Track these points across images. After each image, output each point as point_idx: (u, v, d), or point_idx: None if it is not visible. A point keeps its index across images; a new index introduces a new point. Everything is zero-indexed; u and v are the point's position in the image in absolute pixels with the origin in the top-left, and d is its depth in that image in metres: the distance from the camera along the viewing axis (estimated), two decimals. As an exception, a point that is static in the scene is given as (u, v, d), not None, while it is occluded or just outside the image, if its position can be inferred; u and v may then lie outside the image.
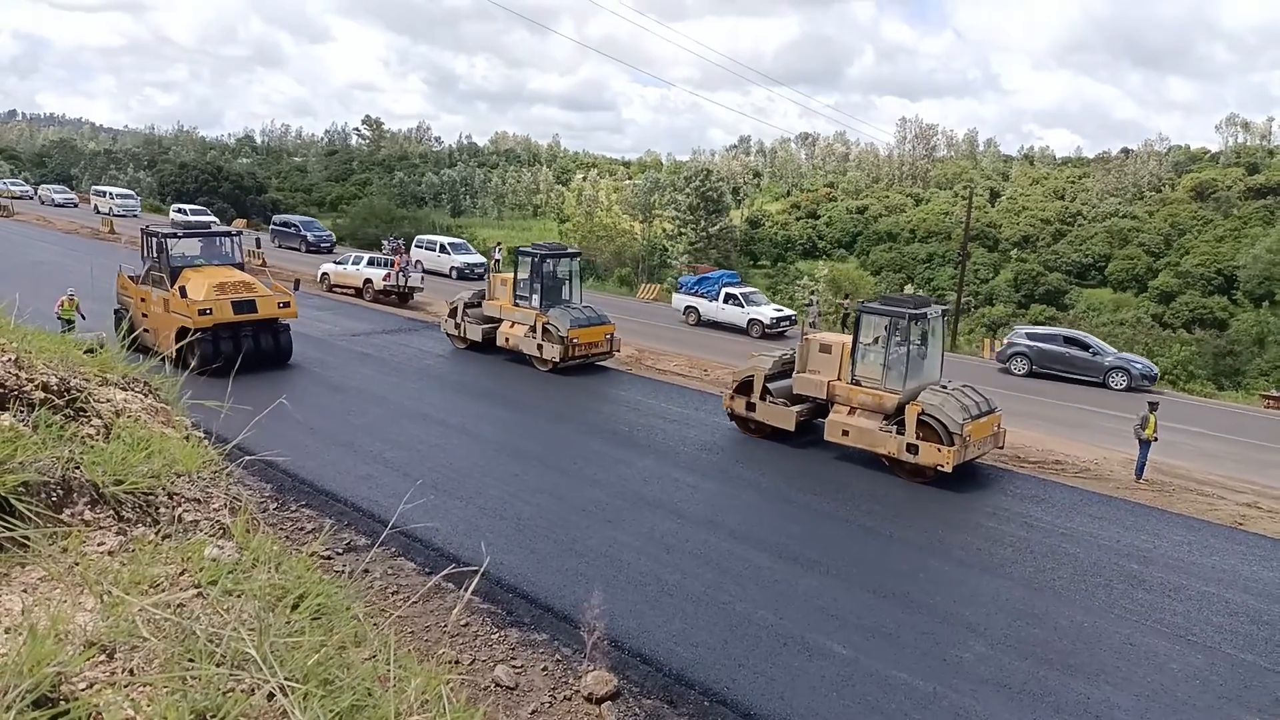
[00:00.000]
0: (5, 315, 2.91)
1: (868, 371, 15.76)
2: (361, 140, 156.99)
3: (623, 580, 10.43)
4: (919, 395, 15.02)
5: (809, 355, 16.63)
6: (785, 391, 16.77)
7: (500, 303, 22.81)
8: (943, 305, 17.18)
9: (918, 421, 14.70)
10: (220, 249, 21.35)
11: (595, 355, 22.19)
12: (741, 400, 17.14)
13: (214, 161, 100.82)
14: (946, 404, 14.69)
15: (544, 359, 21.58)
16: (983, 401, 15.47)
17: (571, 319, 21.55)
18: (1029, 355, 26.14)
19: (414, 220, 64.45)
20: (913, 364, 15.64)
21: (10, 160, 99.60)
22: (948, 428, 14.40)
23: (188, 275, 19.40)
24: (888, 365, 15.60)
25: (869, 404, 15.57)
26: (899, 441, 14.91)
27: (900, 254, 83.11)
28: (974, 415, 14.90)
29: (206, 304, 18.57)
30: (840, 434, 15.80)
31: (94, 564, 1.73)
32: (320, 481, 12.97)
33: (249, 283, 19.83)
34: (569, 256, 23.53)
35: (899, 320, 15.43)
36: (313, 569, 1.99)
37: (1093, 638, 9.72)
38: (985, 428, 15.23)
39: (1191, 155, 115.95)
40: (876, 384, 15.58)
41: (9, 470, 1.82)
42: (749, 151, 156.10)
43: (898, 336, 15.55)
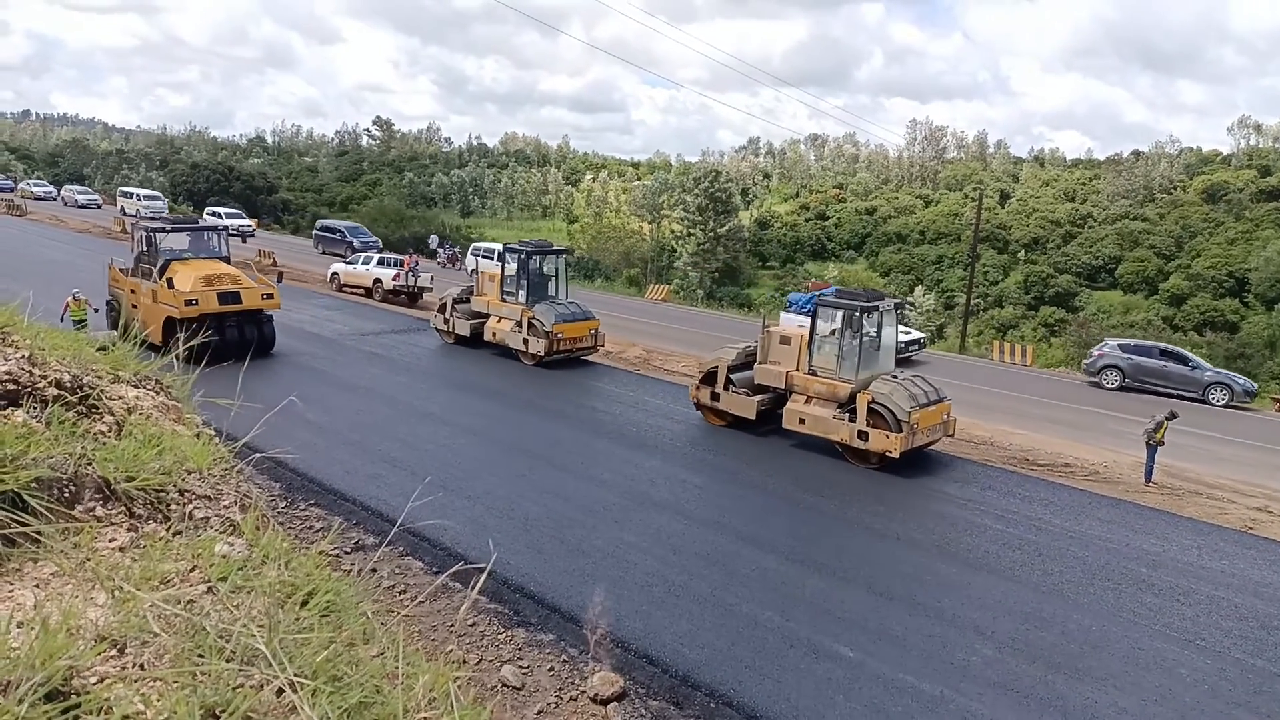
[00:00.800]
0: (18, 314, 2.93)
1: (823, 362, 16.44)
2: (372, 141, 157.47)
3: (629, 581, 10.43)
4: (870, 385, 15.64)
5: (770, 347, 17.28)
6: (747, 382, 17.43)
7: (488, 299, 23.41)
8: (896, 300, 17.92)
9: (868, 409, 15.33)
10: (208, 243, 21.97)
11: (580, 350, 22.72)
12: (706, 390, 17.81)
13: (225, 161, 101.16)
14: (895, 393, 15.32)
15: (530, 353, 22.12)
16: (931, 391, 16.11)
17: (556, 314, 22.10)
18: (1122, 369, 25.27)
19: (424, 220, 64.64)
20: (866, 355, 16.37)
21: (24, 160, 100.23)
22: (896, 415, 15.02)
23: (175, 268, 20.01)
24: (842, 356, 16.26)
25: (824, 393, 16.22)
26: (851, 429, 15.55)
27: (909, 255, 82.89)
28: (922, 404, 15.52)
29: (193, 295, 19.22)
30: (797, 422, 16.42)
31: (105, 559, 1.74)
32: (329, 480, 13.02)
33: (234, 275, 20.44)
34: (555, 254, 23.99)
35: (852, 313, 16.14)
36: (322, 566, 2.00)
37: (1101, 642, 9.67)
38: (934, 416, 15.84)
39: (1203, 158, 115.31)
40: (831, 374, 16.27)
41: (22, 466, 1.84)
42: (758, 153, 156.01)
43: (851, 329, 16.22)
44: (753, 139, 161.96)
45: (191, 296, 19.21)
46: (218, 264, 20.87)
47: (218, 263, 20.99)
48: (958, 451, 17.01)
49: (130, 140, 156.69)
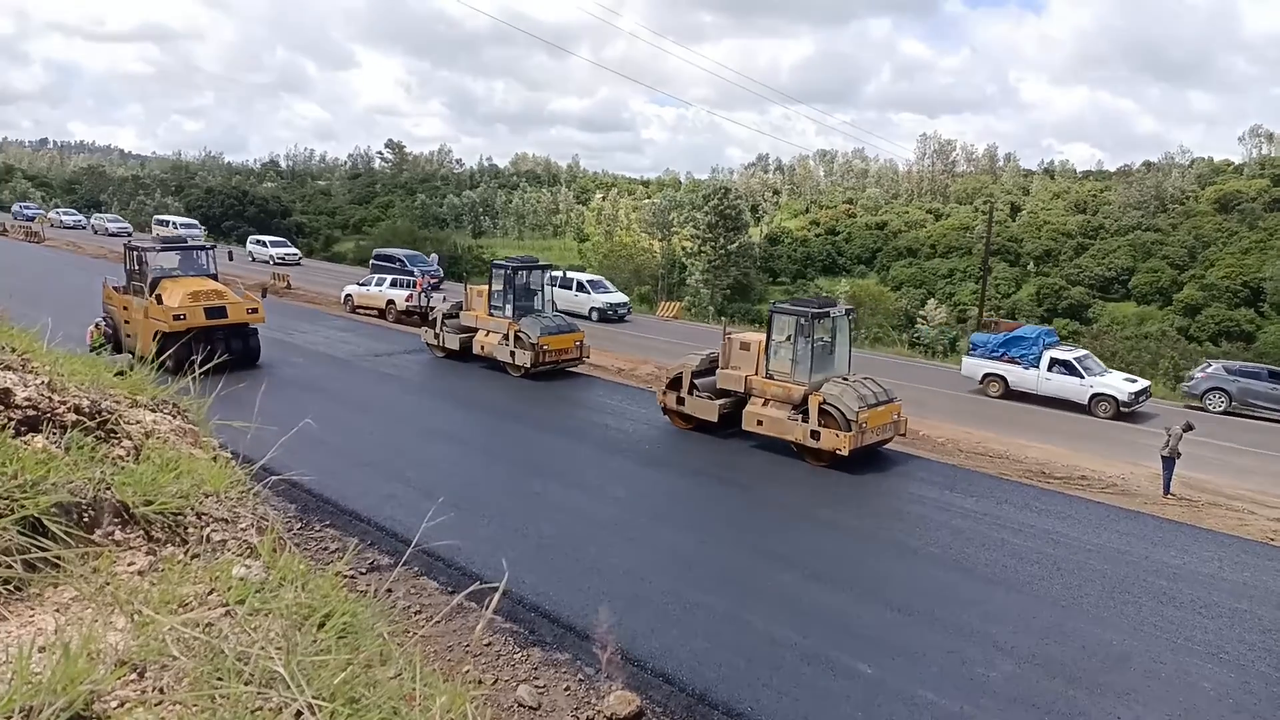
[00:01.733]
0: (38, 339, 2.96)
1: (779, 366, 17.25)
2: (384, 164, 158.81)
3: (645, 599, 10.39)
4: (822, 387, 16.40)
5: (731, 353, 18.14)
6: (710, 387, 18.21)
7: (476, 313, 24.13)
8: (848, 306, 18.56)
9: (820, 410, 16.07)
10: (197, 262, 23.01)
11: (565, 361, 23.24)
12: (673, 395, 18.56)
13: (239, 186, 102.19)
14: (845, 394, 16.11)
15: (516, 365, 22.74)
16: (881, 392, 16.83)
17: (542, 327, 22.76)
18: (1228, 392, 24.05)
19: (436, 241, 64.92)
20: (818, 358, 17.20)
21: (41, 187, 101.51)
22: (845, 415, 15.76)
23: (165, 285, 21.05)
24: (796, 360, 17.03)
25: (780, 395, 16.98)
26: (804, 429, 16.28)
27: (921, 269, 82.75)
28: (871, 404, 16.26)
29: (181, 310, 20.23)
30: (755, 423, 17.19)
31: (124, 584, 1.75)
32: (344, 501, 13.05)
33: (220, 291, 21.56)
34: (540, 269, 24.71)
35: (804, 319, 16.96)
36: (339, 587, 2.01)
37: (1122, 656, 9.56)
38: (883, 416, 16.55)
39: (1215, 167, 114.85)
40: (787, 377, 17.03)
41: (42, 491, 1.85)
42: (767, 169, 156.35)
43: (804, 334, 16.96)
44: (762, 155, 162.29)
45: (179, 311, 20.15)
46: (205, 281, 21.86)
47: (205, 280, 21.97)
48: (974, 465, 16.91)
49: (146, 166, 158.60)
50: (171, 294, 20.69)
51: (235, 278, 25.71)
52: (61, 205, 79.88)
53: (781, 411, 16.84)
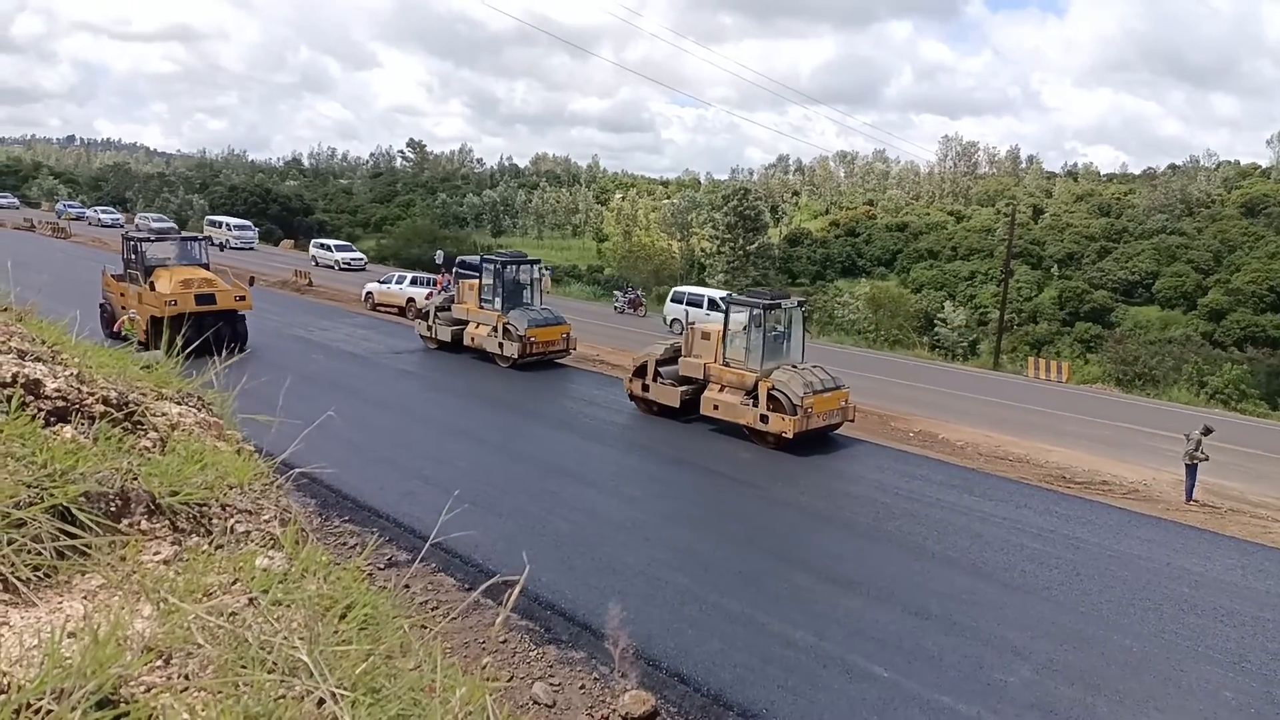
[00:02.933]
0: (66, 332, 3.00)
1: (735, 354, 18.31)
2: (406, 163, 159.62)
3: (661, 598, 10.39)
4: (772, 374, 17.37)
5: (693, 342, 19.28)
6: (674, 375, 19.21)
7: (467, 306, 25.03)
8: (799, 299, 19.91)
9: (768, 395, 17.08)
10: (190, 252, 24.51)
11: (552, 353, 24.21)
12: (638, 383, 19.54)
13: (262, 184, 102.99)
14: (792, 380, 17.05)
15: (504, 356, 23.66)
16: (829, 379, 17.80)
17: (529, 319, 23.71)
18: None
19: (456, 240, 65.20)
20: (770, 347, 18.21)
21: (68, 184, 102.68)
22: (791, 400, 16.74)
23: (159, 273, 22.58)
24: (749, 349, 18.02)
25: (734, 382, 18.08)
26: (754, 413, 17.31)
27: (942, 271, 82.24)
28: (817, 390, 17.22)
29: (173, 296, 21.64)
30: (712, 408, 18.30)
31: (151, 572, 1.78)
32: (362, 497, 13.13)
33: (211, 279, 23.00)
34: (529, 263, 25.75)
35: (756, 310, 17.99)
36: (360, 580, 2.03)
37: (1142, 664, 9.47)
38: (830, 402, 17.51)
39: (1241, 171, 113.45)
40: (741, 364, 18.06)
41: (71, 481, 1.88)
42: (787, 170, 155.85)
43: (757, 324, 17.95)
44: (782, 156, 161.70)
45: (172, 298, 21.56)
46: (197, 270, 23.35)
47: (198, 269, 23.48)
48: (993, 469, 16.80)
49: (171, 164, 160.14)
50: (165, 282, 22.15)
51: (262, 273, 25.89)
52: (87, 202, 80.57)
53: (735, 397, 17.93)
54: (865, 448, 17.91)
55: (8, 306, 3.06)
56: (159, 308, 21.36)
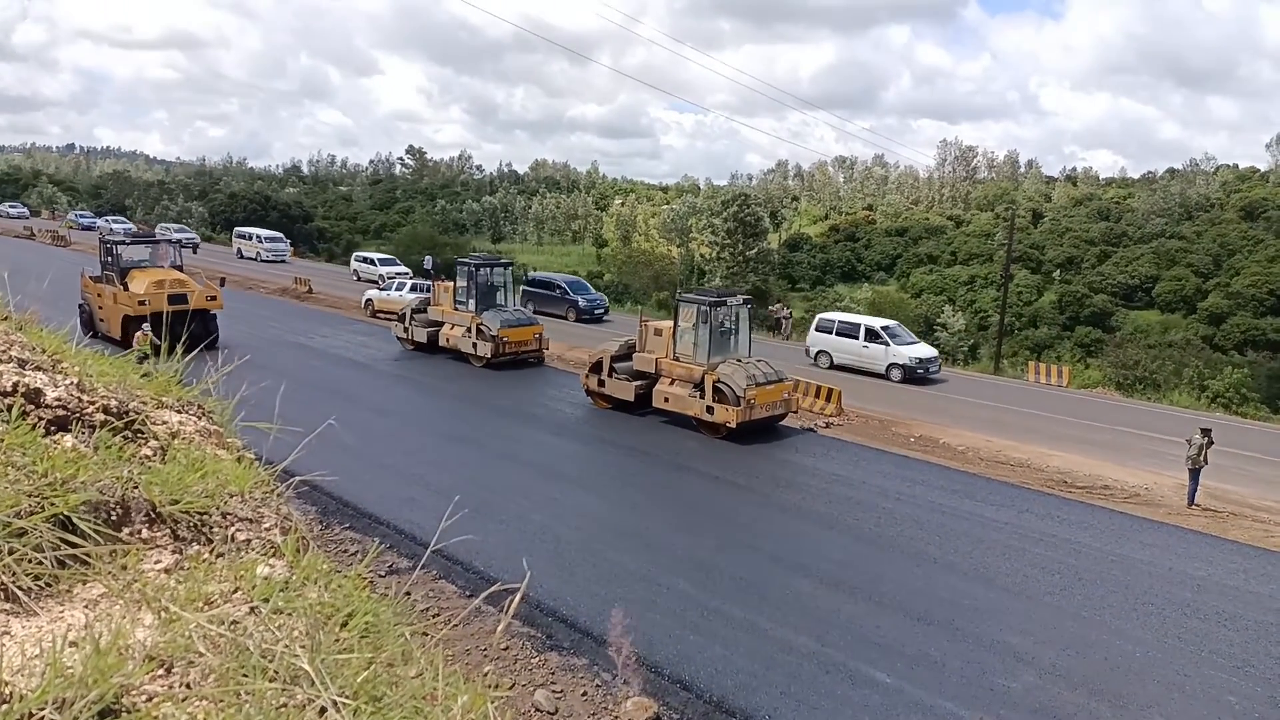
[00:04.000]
0: (66, 341, 3.00)
1: (684, 349, 19.22)
2: (405, 170, 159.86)
3: (662, 604, 10.37)
4: (718, 367, 18.24)
5: (646, 338, 20.04)
6: (628, 370, 20.01)
7: (442, 308, 25.72)
8: (744, 296, 20.86)
9: (713, 387, 18.00)
10: (165, 255, 25.64)
11: (525, 353, 24.85)
12: (594, 378, 20.32)
13: (262, 191, 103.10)
14: (736, 373, 17.99)
15: (478, 356, 24.31)
16: (771, 373, 18.70)
17: (502, 320, 24.45)
18: None
19: (456, 247, 65.22)
20: (717, 342, 19.08)
21: (67, 191, 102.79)
22: (735, 391, 17.68)
23: (134, 274, 23.62)
24: (697, 344, 18.96)
25: (684, 375, 18.95)
26: (701, 404, 18.23)
27: (941, 276, 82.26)
28: (760, 383, 18.13)
29: (145, 296, 22.54)
30: (663, 400, 19.21)
31: (152, 581, 1.77)
32: (363, 504, 13.12)
33: (183, 280, 24.06)
34: (502, 266, 26.52)
35: (704, 306, 18.92)
36: (361, 588, 2.02)
37: (1145, 669, 9.45)
38: (773, 394, 18.46)
39: (1240, 175, 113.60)
40: (690, 359, 18.98)
41: (72, 490, 1.88)
42: (787, 175, 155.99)
43: (704, 320, 18.88)
44: (781, 162, 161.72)
45: (144, 298, 22.49)
46: (170, 271, 24.42)
47: (171, 270, 24.55)
48: (994, 474, 16.79)
49: (171, 172, 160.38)
50: (138, 282, 23.14)
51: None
52: (85, 208, 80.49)
53: (684, 390, 18.82)
54: (866, 453, 17.89)
55: (8, 315, 3.07)
56: (132, 307, 22.39)
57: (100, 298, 24.03)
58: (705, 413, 18.17)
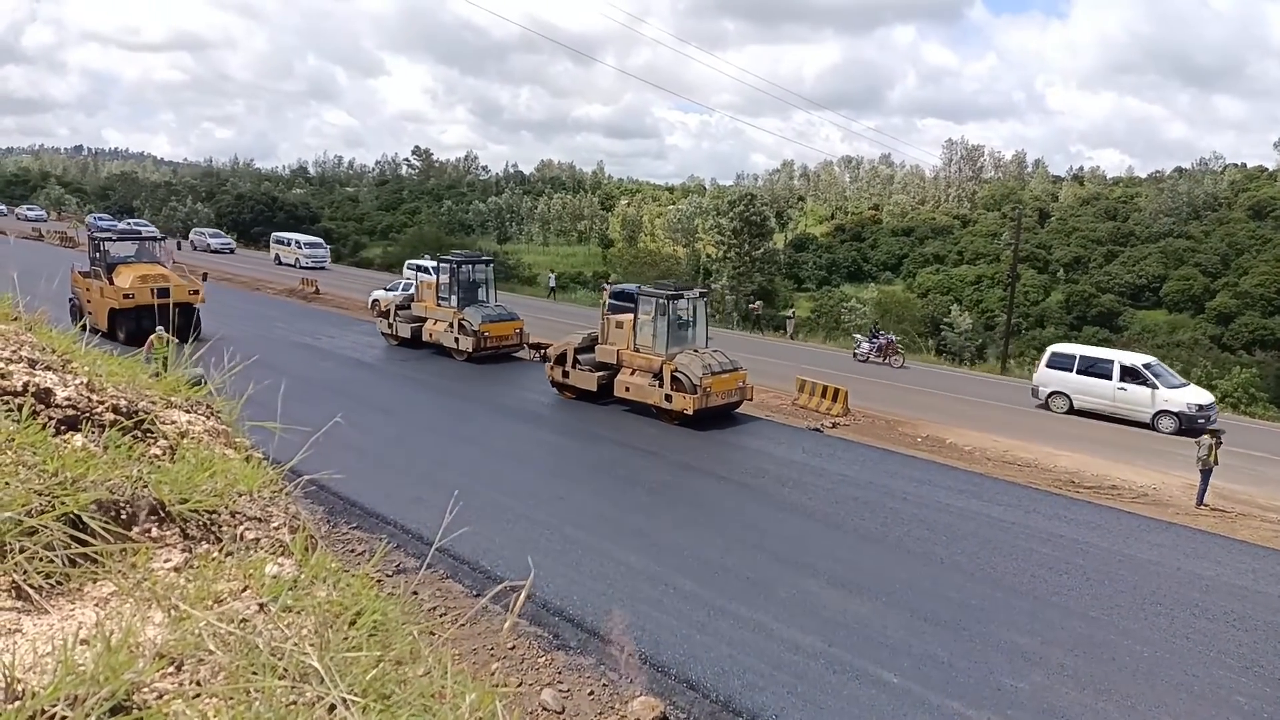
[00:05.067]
0: (76, 341, 3.02)
1: (644, 341, 20.12)
2: (411, 170, 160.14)
3: (669, 604, 10.37)
4: (675, 358, 19.26)
5: (608, 331, 21.07)
6: (591, 361, 20.95)
7: (426, 304, 26.49)
8: (702, 290, 21.92)
9: (671, 377, 19.07)
10: (150, 251, 26.99)
11: (506, 347, 25.63)
12: (559, 370, 21.27)
13: (269, 192, 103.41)
14: (692, 363, 19.05)
15: (460, 349, 25.06)
16: (727, 362, 19.80)
17: (483, 315, 25.23)
18: None
19: (462, 248, 65.36)
20: (675, 334, 20.13)
21: (75, 193, 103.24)
22: (691, 380, 18.74)
23: (120, 270, 24.84)
24: (656, 335, 19.89)
25: (643, 366, 19.95)
26: (660, 392, 19.26)
27: (948, 276, 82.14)
28: (715, 372, 19.17)
29: (130, 290, 23.86)
30: (624, 390, 20.17)
31: (161, 579, 1.78)
32: (370, 503, 13.14)
33: (166, 275, 25.29)
34: (484, 262, 27.41)
35: (662, 300, 19.90)
36: (369, 586, 2.03)
37: (1153, 669, 9.42)
38: (728, 382, 19.54)
39: (1248, 174, 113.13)
40: (649, 350, 19.90)
41: (82, 489, 1.89)
42: (792, 175, 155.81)
43: (662, 313, 19.88)
44: (786, 162, 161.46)
45: (129, 291, 23.79)
46: (155, 266, 25.70)
47: (155, 265, 25.86)
48: (1002, 474, 16.75)
49: (178, 173, 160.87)
50: (124, 277, 24.38)
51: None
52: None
53: (644, 379, 19.81)
54: (873, 453, 17.87)
55: (18, 316, 3.08)
56: (117, 300, 23.74)
57: (88, 291, 25.06)
58: (664, 401, 19.23)
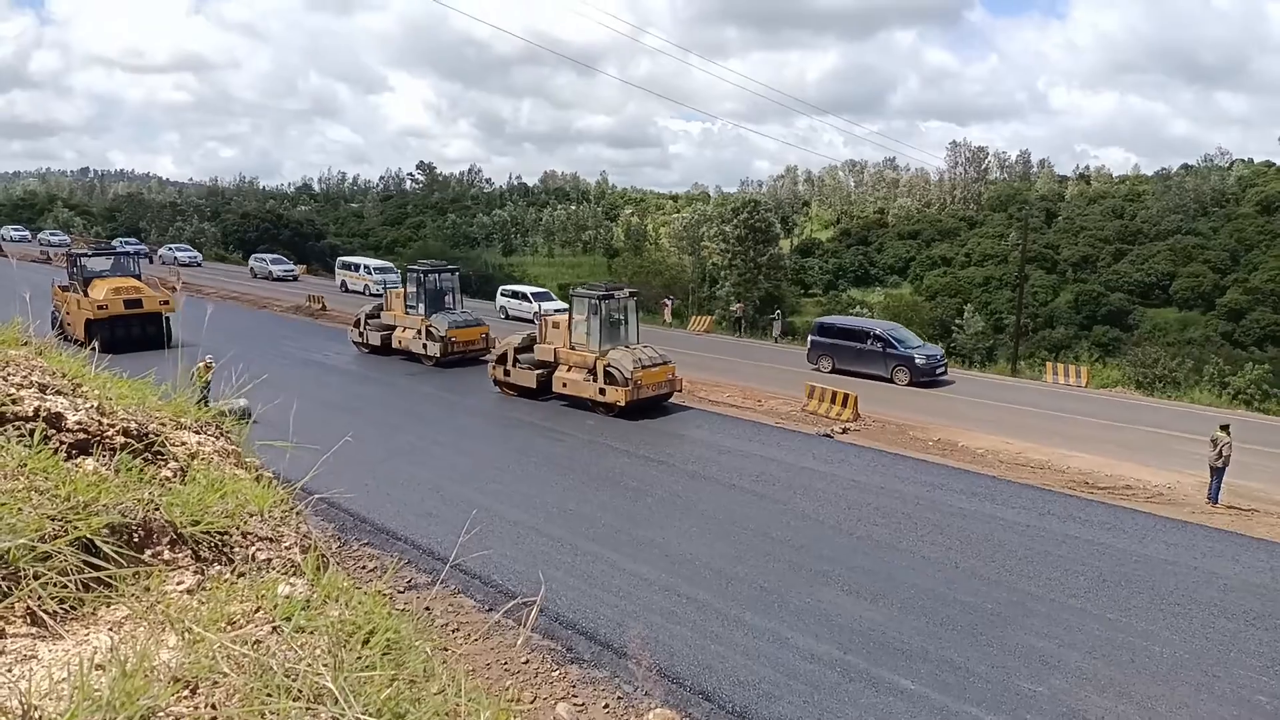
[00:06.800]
0: (86, 364, 3.03)
1: (579, 339, 21.38)
2: (416, 185, 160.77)
3: (682, 614, 10.33)
4: (609, 353, 20.50)
5: (546, 331, 22.40)
6: (530, 360, 22.16)
7: (394, 313, 27.44)
8: (631, 288, 23.65)
9: (604, 371, 20.33)
10: (124, 265, 28.83)
11: (473, 352, 26.27)
12: (500, 369, 22.51)
13: (274, 210, 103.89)
14: (624, 358, 20.39)
15: (428, 355, 26.04)
16: (656, 356, 21.16)
17: (450, 321, 26.20)
18: None
19: (468, 261, 65.53)
20: (608, 332, 21.35)
21: (82, 215, 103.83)
22: (623, 374, 20.05)
23: (96, 283, 26.59)
24: (590, 333, 21.12)
25: (579, 362, 21.16)
26: (594, 387, 20.55)
27: (955, 278, 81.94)
28: (645, 365, 20.52)
29: (104, 301, 25.67)
30: (561, 385, 21.45)
31: (175, 602, 1.78)
32: (381, 520, 13.15)
33: (139, 287, 26.84)
34: (449, 271, 28.33)
35: (595, 300, 21.16)
36: (381, 605, 2.03)
37: (1173, 671, 9.33)
38: (658, 375, 20.90)
39: (1255, 169, 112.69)
40: (584, 347, 21.15)
41: (94, 513, 1.89)
42: (796, 181, 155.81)
43: (595, 312, 21.12)
44: (790, 167, 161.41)
45: (103, 303, 25.58)
46: (129, 279, 27.37)
47: (129, 279, 27.47)
48: (1015, 476, 16.66)
49: (183, 193, 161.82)
50: (98, 289, 26.13)
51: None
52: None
53: (580, 375, 21.05)
54: (884, 458, 17.80)
55: (28, 340, 3.10)
56: (92, 311, 25.46)
57: (67, 304, 26.89)
58: (599, 394, 20.42)
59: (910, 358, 26.24)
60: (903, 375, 25.96)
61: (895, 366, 26.31)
